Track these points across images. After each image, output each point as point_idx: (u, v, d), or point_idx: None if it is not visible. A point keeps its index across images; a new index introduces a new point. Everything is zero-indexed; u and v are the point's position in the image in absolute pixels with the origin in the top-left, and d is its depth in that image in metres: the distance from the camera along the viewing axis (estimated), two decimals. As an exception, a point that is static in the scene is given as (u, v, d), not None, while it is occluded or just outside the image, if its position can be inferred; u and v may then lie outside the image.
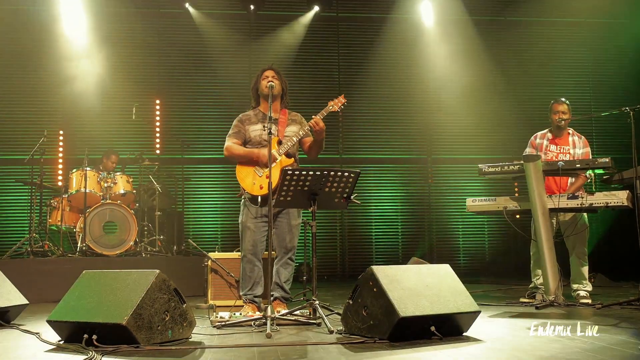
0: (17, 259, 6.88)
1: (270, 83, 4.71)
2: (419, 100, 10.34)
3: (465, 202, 5.54)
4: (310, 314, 4.27)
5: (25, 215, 7.67)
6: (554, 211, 5.23)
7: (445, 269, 3.85)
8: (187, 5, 9.79)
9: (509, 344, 3.40)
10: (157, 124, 9.77)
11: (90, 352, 3.14)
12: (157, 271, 3.52)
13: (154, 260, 6.96)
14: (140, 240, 7.36)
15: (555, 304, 5.06)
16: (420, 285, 3.60)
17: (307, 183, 4.08)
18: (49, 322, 3.56)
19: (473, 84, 10.24)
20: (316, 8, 10.12)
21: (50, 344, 3.52)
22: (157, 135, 9.75)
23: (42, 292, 6.04)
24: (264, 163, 4.58)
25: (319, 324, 4.04)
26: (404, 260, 9.94)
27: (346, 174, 4.12)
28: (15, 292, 4.69)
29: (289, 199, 4.14)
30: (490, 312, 4.82)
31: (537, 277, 5.60)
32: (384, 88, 10.16)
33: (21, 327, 4.25)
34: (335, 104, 4.83)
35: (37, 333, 3.86)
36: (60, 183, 8.75)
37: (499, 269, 9.79)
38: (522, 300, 5.54)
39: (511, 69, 10.40)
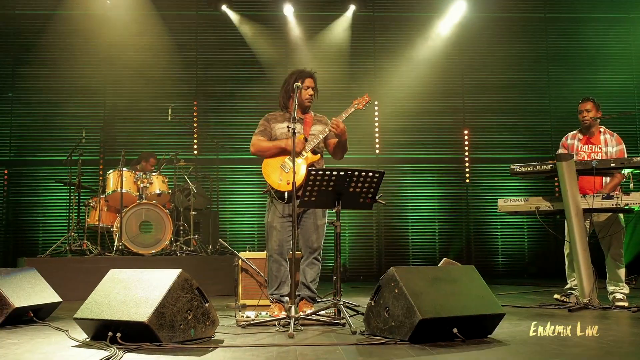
0: (57, 258, 7.05)
1: (308, 99, 4.77)
2: (456, 98, 10.25)
3: (502, 202, 5.46)
4: (335, 314, 4.26)
5: (65, 214, 7.86)
6: (588, 212, 5.11)
7: (470, 271, 3.79)
8: (223, 7, 9.88)
9: (533, 347, 3.33)
10: (195, 125, 9.91)
11: (113, 349, 3.20)
12: (180, 270, 3.56)
13: (188, 260, 7.05)
14: (176, 240, 7.46)
15: (589, 306, 4.93)
16: (443, 287, 3.56)
17: (332, 183, 4.07)
18: (75, 319, 3.63)
19: (511, 82, 10.10)
20: (352, 7, 10.10)
21: (77, 341, 3.59)
22: (195, 136, 9.88)
23: (79, 290, 6.13)
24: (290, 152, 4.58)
25: (343, 325, 4.03)
26: (440, 260, 9.84)
27: (370, 174, 4.09)
28: (49, 290, 4.82)
29: (313, 199, 4.14)
30: (521, 315, 4.73)
31: (572, 279, 5.47)
32: (420, 87, 10.07)
33: (53, 324, 4.35)
34: (360, 102, 4.80)
35: (66, 330, 3.95)
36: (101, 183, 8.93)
37: (539, 271, 9.62)
38: (556, 296, 5.43)
39: (551, 66, 10.22)
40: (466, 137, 10.24)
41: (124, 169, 7.35)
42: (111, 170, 7.53)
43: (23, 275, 4.68)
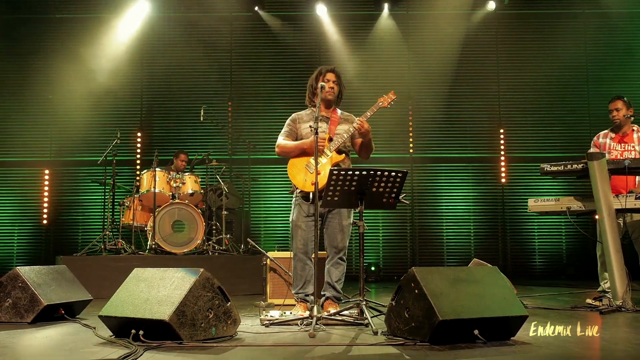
0: (92, 256, 7.19)
1: (328, 93, 4.73)
2: (491, 97, 10.12)
3: (537, 202, 5.36)
4: (359, 315, 4.25)
5: (101, 214, 8.02)
6: (620, 212, 4.99)
7: (493, 271, 3.74)
8: (256, 8, 9.95)
9: (556, 349, 3.26)
10: (230, 125, 10.00)
11: (133, 347, 3.25)
12: (201, 270, 3.60)
13: (219, 259, 7.12)
14: (208, 239, 7.55)
15: (622, 309, 4.81)
16: (464, 288, 3.51)
17: (354, 183, 4.06)
18: (100, 317, 3.71)
19: (548, 80, 9.92)
20: (386, 6, 10.06)
21: (102, 338, 3.66)
22: (229, 136, 9.98)
23: (112, 288, 6.19)
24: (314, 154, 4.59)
25: (367, 325, 4.01)
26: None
27: (393, 173, 4.07)
28: (80, 287, 4.93)
29: (336, 198, 4.13)
30: (551, 317, 4.63)
31: (605, 281, 5.34)
32: (454, 86, 9.98)
33: (82, 321, 4.44)
34: (385, 100, 4.77)
35: (94, 327, 4.02)
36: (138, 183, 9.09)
37: (577, 272, 9.43)
38: (588, 301, 5.31)
39: (590, 63, 10.01)
40: (502, 136, 10.09)
41: (157, 169, 7.46)
42: (145, 171, 7.66)
43: (54, 273, 4.79)
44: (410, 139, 10.14)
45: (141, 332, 3.43)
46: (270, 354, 3.19)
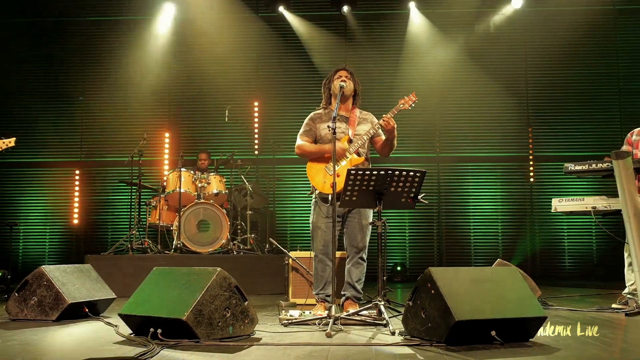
0: (119, 255, 7.29)
1: (341, 83, 4.71)
2: (519, 95, 10.01)
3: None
4: (377, 315, 4.24)
5: (127, 213, 8.13)
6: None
7: (511, 272, 3.69)
8: (280, 8, 9.99)
9: (575, 351, 3.21)
10: (256, 125, 10.06)
11: (151, 345, 3.29)
12: (219, 269, 3.62)
13: (243, 259, 7.17)
14: (233, 239, 7.60)
15: (648, 311, 4.72)
16: (482, 289, 3.48)
17: (372, 183, 4.05)
18: (120, 315, 3.76)
19: (578, 77, 9.78)
20: (412, 5, 10.01)
21: (122, 336, 3.71)
22: (256, 136, 10.03)
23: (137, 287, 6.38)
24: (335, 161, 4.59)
25: (385, 325, 4.00)
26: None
27: (411, 173, 4.05)
28: (104, 286, 5.00)
29: (354, 199, 4.13)
30: (573, 318, 4.56)
31: (630, 283, 5.23)
32: (481, 84, 9.89)
33: (105, 319, 4.51)
34: (406, 102, 4.74)
35: (115, 326, 4.08)
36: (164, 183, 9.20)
37: (608, 273, 9.26)
38: (613, 306, 5.21)
39: (622, 60, 9.83)
40: (530, 135, 9.96)
41: (183, 169, 7.54)
42: (171, 171, 7.75)
43: (79, 271, 4.87)
44: (437, 139, 10.06)
45: (159, 331, 3.47)
46: (284, 353, 3.20)
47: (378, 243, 4.20)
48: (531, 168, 9.94)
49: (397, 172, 4.03)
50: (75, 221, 10.16)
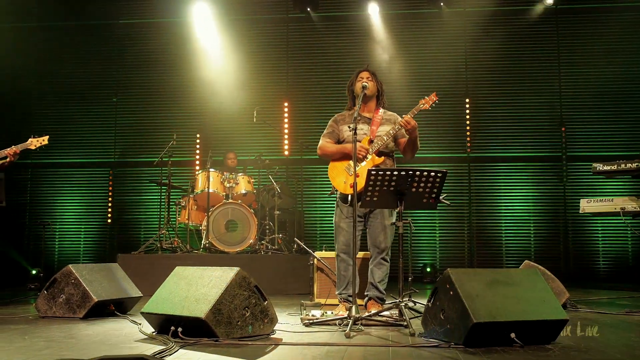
0: (149, 254, 7.40)
1: (364, 83, 4.71)
2: (552, 94, 9.84)
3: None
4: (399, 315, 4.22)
5: (157, 213, 8.23)
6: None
7: (532, 274, 3.64)
8: (308, 9, 10.02)
9: (597, 354, 3.15)
10: (285, 126, 10.10)
11: (170, 343, 3.34)
12: (237, 268, 3.66)
13: (270, 258, 7.20)
14: (261, 239, 7.65)
15: (679, 314, 4.60)
16: (501, 290, 3.44)
17: (393, 183, 4.03)
18: (142, 314, 3.82)
19: (613, 75, 9.58)
20: (442, 4, 9.93)
21: (145, 334, 3.78)
22: (285, 137, 10.07)
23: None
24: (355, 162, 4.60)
25: (406, 326, 3.98)
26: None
27: (432, 173, 4.02)
28: (131, 284, 5.09)
29: (375, 199, 4.12)
30: (600, 321, 4.48)
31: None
32: (513, 83, 9.77)
33: (131, 317, 4.59)
34: (427, 102, 4.71)
35: (139, 324, 4.15)
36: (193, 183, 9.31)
37: (644, 275, 9.06)
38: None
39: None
40: (563, 135, 9.79)
41: (212, 169, 7.61)
42: (200, 171, 7.83)
43: (106, 270, 4.97)
44: (468, 138, 9.96)
45: (180, 329, 3.52)
46: (301, 352, 3.21)
47: (399, 244, 4.19)
48: (564, 168, 9.77)
49: (417, 173, 4.01)
50: (109, 220, 10.33)
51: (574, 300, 5.61)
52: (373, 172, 4.01)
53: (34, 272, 8.31)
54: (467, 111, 9.96)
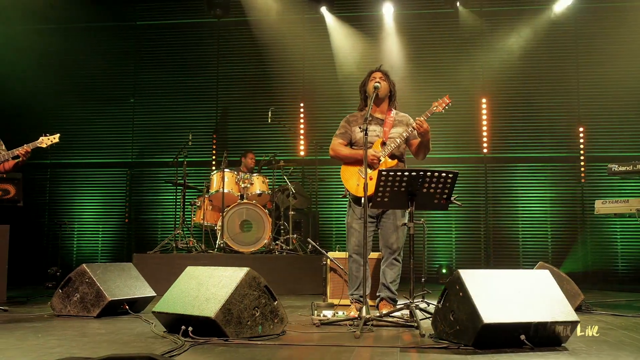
0: (164, 254, 7.45)
1: (376, 84, 4.70)
2: (570, 94, 9.75)
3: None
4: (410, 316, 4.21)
5: (173, 213, 8.28)
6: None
7: (543, 275, 3.61)
8: (322, 8, 10.04)
9: (608, 357, 3.12)
10: (301, 126, 10.11)
11: (179, 342, 3.36)
12: (247, 269, 3.67)
13: (285, 258, 7.22)
14: (276, 239, 7.67)
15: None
16: (511, 292, 3.42)
17: (404, 184, 4.02)
18: (153, 313, 3.86)
19: (632, 75, 9.44)
20: (458, 4, 9.88)
21: (156, 333, 3.81)
22: (301, 137, 10.09)
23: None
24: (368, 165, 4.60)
25: (416, 327, 3.97)
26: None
27: (444, 174, 4.00)
28: (144, 284, 5.12)
29: (386, 199, 4.11)
30: (614, 323, 4.43)
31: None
32: (530, 83, 9.69)
33: (144, 316, 4.62)
34: (440, 105, 4.69)
35: (152, 323, 4.18)
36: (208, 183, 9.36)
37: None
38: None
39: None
40: (581, 135, 9.69)
41: (226, 169, 7.65)
42: (215, 171, 7.88)
43: (120, 269, 5.01)
44: (485, 138, 9.90)
45: (190, 329, 3.55)
46: (308, 352, 3.22)
47: (410, 244, 4.18)
48: (582, 169, 9.67)
49: (428, 173, 3.99)
50: (127, 220, 10.42)
51: (590, 302, 5.55)
52: (384, 173, 4.00)
53: (49, 271, 8.40)
54: (484, 111, 9.90)
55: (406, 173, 3.99)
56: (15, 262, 7.48)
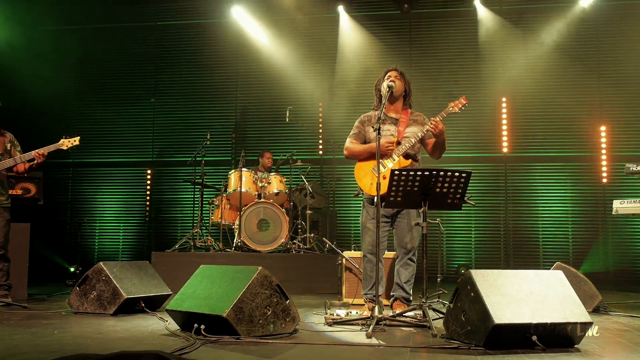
0: (182, 252, 7.52)
1: (390, 83, 4.69)
2: (592, 92, 9.62)
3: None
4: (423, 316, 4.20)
5: (196, 212, 8.33)
6: None
7: (557, 276, 3.58)
8: (339, 7, 10.04)
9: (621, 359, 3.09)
10: (320, 125, 10.12)
11: (191, 340, 3.39)
12: (260, 268, 3.69)
13: (301, 257, 7.23)
14: (293, 238, 7.69)
15: None
16: (524, 292, 3.40)
17: (417, 183, 4.01)
18: (167, 310, 3.89)
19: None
20: (478, 2, 9.81)
21: (170, 331, 3.85)
22: (320, 136, 10.11)
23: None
24: (382, 155, 4.59)
25: (429, 327, 3.96)
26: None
27: (457, 174, 3.98)
28: (160, 282, 5.17)
29: (399, 199, 4.10)
30: (631, 325, 4.38)
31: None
32: (551, 82, 9.58)
33: (159, 314, 4.66)
34: (456, 105, 4.66)
35: (167, 321, 4.22)
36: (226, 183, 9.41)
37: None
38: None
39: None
40: (603, 134, 9.56)
41: (244, 169, 7.69)
42: (232, 171, 7.92)
43: (136, 268, 5.06)
44: (505, 138, 9.82)
45: (203, 327, 3.58)
46: (319, 351, 3.23)
47: (423, 244, 4.16)
48: (604, 168, 9.55)
49: (441, 173, 3.97)
50: (147, 218, 10.52)
51: (609, 303, 5.49)
52: (397, 172, 3.99)
53: (72, 269, 8.51)
54: (504, 110, 9.81)
55: (419, 173, 3.97)
56: (38, 259, 7.62)
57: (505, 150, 9.80)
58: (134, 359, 2.50)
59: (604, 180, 9.52)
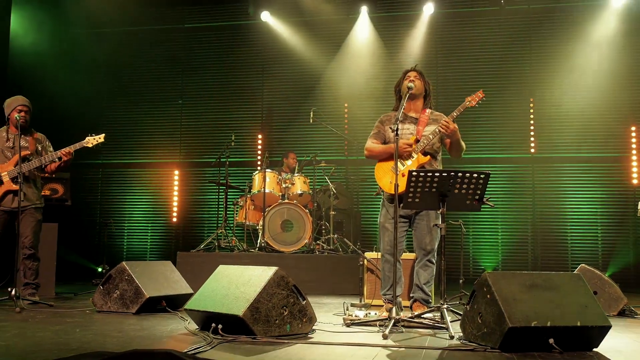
0: (207, 253, 7.59)
1: (409, 84, 4.69)
2: (621, 92, 9.44)
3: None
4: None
5: (222, 213, 8.40)
6: None
7: (575, 278, 3.54)
8: (362, 8, 10.04)
9: (639, 364, 3.05)
10: (345, 126, 10.14)
11: (209, 339, 3.43)
12: (276, 268, 3.72)
13: (324, 258, 7.24)
14: (317, 239, 7.71)
15: None
16: (541, 294, 3.36)
17: (435, 184, 4.00)
18: (186, 310, 3.95)
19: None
20: (503, 2, 9.72)
21: (189, 330, 3.90)
22: (344, 137, 10.11)
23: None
24: (400, 156, 4.60)
25: (446, 329, 3.94)
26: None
27: (475, 175, 3.96)
28: (182, 281, 5.24)
29: (417, 200, 4.09)
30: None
31: None
32: (579, 81, 9.44)
33: (180, 314, 4.72)
34: (473, 100, 4.64)
35: (187, 320, 4.27)
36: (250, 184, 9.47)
37: None
38: None
39: None
40: (633, 135, 9.39)
41: (268, 170, 7.74)
42: (257, 171, 7.98)
43: (159, 267, 5.14)
44: (532, 138, 9.70)
45: (220, 326, 3.62)
46: (334, 352, 3.24)
47: (441, 245, 4.15)
48: (635, 169, 9.37)
49: (460, 174, 3.96)
50: (174, 219, 10.64)
51: (635, 306, 5.39)
52: (414, 173, 3.99)
53: (99, 269, 8.65)
54: (531, 110, 9.71)
55: (437, 174, 3.96)
56: (67, 259, 7.77)
57: (532, 151, 9.69)
58: (147, 357, 2.55)
59: (635, 181, 9.36)
